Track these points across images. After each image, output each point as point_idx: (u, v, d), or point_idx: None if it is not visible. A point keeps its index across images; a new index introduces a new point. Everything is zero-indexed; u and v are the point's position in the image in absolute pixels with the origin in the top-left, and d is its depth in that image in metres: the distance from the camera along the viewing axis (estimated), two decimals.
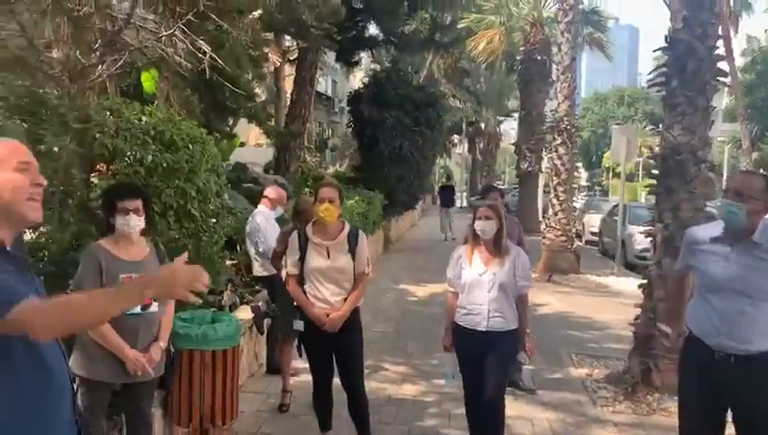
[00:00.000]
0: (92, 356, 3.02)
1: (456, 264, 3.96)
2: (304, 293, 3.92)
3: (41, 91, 4.88)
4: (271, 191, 6.06)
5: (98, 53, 5.87)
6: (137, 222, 3.09)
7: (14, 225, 1.75)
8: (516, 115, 28.70)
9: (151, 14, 6.61)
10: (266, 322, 5.53)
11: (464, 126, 38.74)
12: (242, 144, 15.96)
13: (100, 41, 6.06)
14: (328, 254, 3.87)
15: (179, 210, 4.45)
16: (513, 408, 4.76)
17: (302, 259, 3.91)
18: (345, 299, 3.88)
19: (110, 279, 3.00)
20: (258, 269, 5.80)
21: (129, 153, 4.23)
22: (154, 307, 3.14)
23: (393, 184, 15.84)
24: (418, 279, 11.02)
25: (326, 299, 3.87)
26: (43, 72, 5.44)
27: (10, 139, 1.84)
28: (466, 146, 44.07)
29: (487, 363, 3.76)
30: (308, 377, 5.06)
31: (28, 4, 5.52)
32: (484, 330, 3.77)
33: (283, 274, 4.63)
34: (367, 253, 3.99)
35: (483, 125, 41.45)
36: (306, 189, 12.15)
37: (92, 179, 4.34)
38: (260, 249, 5.68)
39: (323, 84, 32.76)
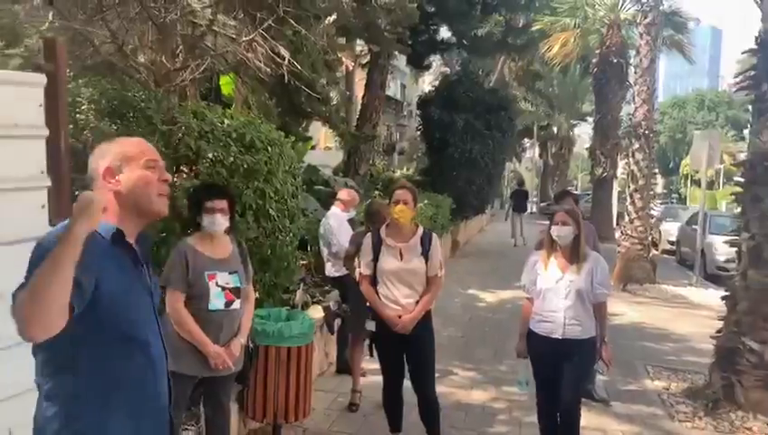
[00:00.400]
0: (178, 349, 3.14)
1: (531, 269, 3.91)
2: (377, 293, 3.95)
3: (129, 94, 5.12)
4: (344, 194, 6.15)
5: (181, 58, 6.13)
6: (223, 221, 3.21)
7: (143, 219, 1.85)
8: (590, 119, 27.97)
9: (232, 20, 6.83)
10: (337, 322, 5.62)
11: (535, 130, 38.08)
12: (312, 147, 16.24)
13: (182, 46, 6.33)
14: (401, 256, 3.90)
15: (258, 210, 4.57)
16: (587, 418, 4.64)
17: (376, 260, 3.94)
18: (417, 301, 3.89)
19: (196, 275, 3.13)
20: (330, 270, 5.89)
21: (211, 154, 4.38)
22: (236, 304, 3.26)
23: (462, 188, 15.73)
24: (487, 285, 10.91)
25: (398, 301, 3.89)
26: (131, 76, 5.72)
27: (136, 137, 1.95)
28: (537, 150, 43.29)
29: (563, 372, 3.69)
30: (377, 378, 5.09)
31: (118, 11, 5.83)
32: (559, 338, 3.71)
33: (356, 274, 4.70)
34: (440, 256, 3.99)
35: (555, 129, 40.63)
36: (375, 192, 12.25)
37: (176, 179, 4.53)
38: (333, 250, 5.76)
39: (392, 88, 32.88)
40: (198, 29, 6.48)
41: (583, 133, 44.50)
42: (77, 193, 1.63)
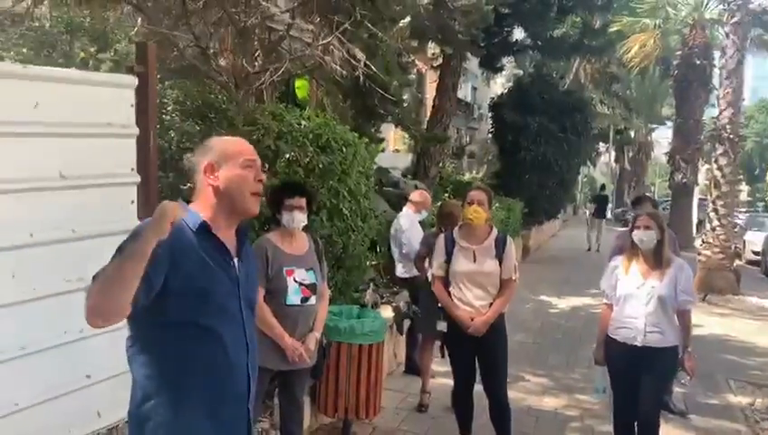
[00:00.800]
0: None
1: (611, 275, 3.81)
2: (449, 295, 3.94)
3: (212, 96, 5.31)
4: (416, 195, 6.17)
5: (259, 62, 6.32)
6: (301, 219, 3.30)
7: (235, 216, 1.93)
8: (670, 123, 26.96)
9: (309, 24, 6.98)
10: (406, 322, 5.63)
11: (611, 134, 36.96)
12: (382, 149, 16.34)
13: (260, 50, 6.51)
14: (474, 257, 3.87)
15: (332, 209, 4.67)
16: (664, 430, 4.44)
17: (448, 262, 3.93)
18: (490, 304, 3.86)
19: (275, 270, 3.22)
20: (401, 271, 5.91)
21: (288, 154, 4.50)
22: (312, 300, 3.33)
23: (534, 192, 15.48)
24: (559, 291, 10.69)
25: (470, 302, 3.87)
26: (213, 78, 5.93)
27: (237, 137, 2.04)
28: (613, 155, 42.02)
29: (642, 381, 3.58)
30: (446, 380, 5.09)
31: (202, 16, 6.06)
32: (639, 344, 3.59)
33: (428, 275, 4.71)
34: (515, 259, 3.94)
35: (632, 133, 39.33)
36: (445, 195, 12.21)
37: None
38: (403, 251, 5.79)
39: (463, 90, 32.65)
40: (276, 33, 6.66)
41: (662, 138, 42.87)
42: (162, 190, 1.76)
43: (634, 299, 3.63)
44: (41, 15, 7.77)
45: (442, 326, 4.04)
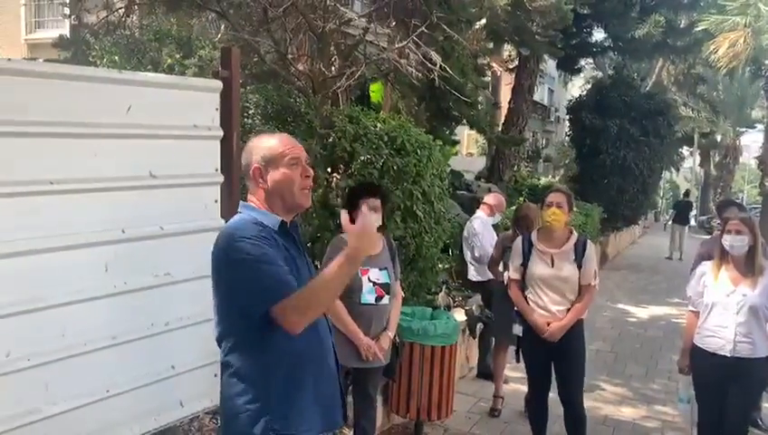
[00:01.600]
0: None
1: (698, 281, 3.64)
2: (525, 299, 3.88)
3: (291, 100, 5.45)
4: (491, 198, 6.12)
5: (336, 66, 6.43)
6: (376, 219, 3.33)
7: (291, 212, 2.03)
8: (761, 126, 25.58)
9: (385, 28, 7.06)
10: (479, 326, 5.60)
11: (696, 137, 35.39)
12: (455, 153, 16.27)
13: (336, 55, 6.63)
14: (552, 262, 3.77)
15: (405, 211, 4.69)
16: None
17: (525, 265, 3.86)
18: (568, 310, 3.75)
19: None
20: (473, 274, 5.87)
21: (363, 156, 4.56)
22: (386, 300, 3.37)
23: (614, 197, 15.02)
24: (638, 300, 10.33)
25: (547, 307, 3.78)
26: (292, 83, 6.08)
27: (277, 134, 2.10)
28: (698, 159, 40.21)
29: (730, 394, 3.41)
30: (519, 385, 5.03)
31: (282, 22, 6.23)
32: (728, 355, 3.42)
33: (502, 279, 4.66)
34: (595, 265, 3.82)
35: (719, 137, 37.51)
36: (520, 199, 12.03)
37: (332, 179, 4.76)
38: (476, 254, 5.75)
39: (539, 93, 32.07)
40: (353, 38, 6.77)
41: (752, 142, 40.72)
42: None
43: (723, 307, 3.47)
44: (131, 24, 8.20)
45: (518, 330, 3.98)
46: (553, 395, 3.94)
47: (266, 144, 2.01)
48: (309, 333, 1.91)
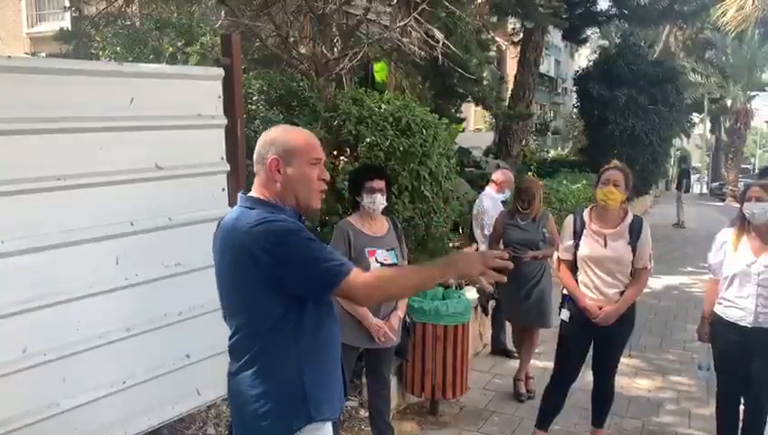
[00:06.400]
0: (341, 321, 3.31)
1: (718, 249, 3.54)
2: (576, 281, 3.70)
3: (294, 84, 5.43)
4: (498, 175, 6.07)
5: (338, 47, 6.39)
6: (381, 201, 3.33)
7: (299, 211, 1.98)
8: None
9: (386, 6, 6.99)
10: (491, 303, 5.59)
11: (705, 103, 34.98)
12: (462, 129, 16.19)
13: (338, 36, 6.58)
14: (605, 242, 3.59)
15: (413, 192, 4.69)
16: None
17: (577, 246, 3.67)
18: (620, 293, 3.58)
19: (357, 251, 3.29)
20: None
21: (369, 139, 4.55)
22: None
23: None
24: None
25: (598, 288, 3.61)
26: (294, 66, 6.06)
27: (303, 130, 2.05)
28: (708, 126, 39.78)
29: (753, 365, 3.35)
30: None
31: (282, 5, 6.18)
32: (749, 325, 3.34)
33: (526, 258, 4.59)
34: (650, 246, 3.64)
35: (729, 102, 37.02)
36: (529, 173, 11.97)
37: (337, 162, 4.76)
38: (485, 232, 5.72)
39: (546, 65, 31.76)
40: (354, 18, 6.71)
41: (762, 105, 40.20)
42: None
43: (744, 277, 3.37)
44: (131, 14, 8.17)
45: (565, 316, 3.77)
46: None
47: (290, 137, 1.94)
48: (331, 319, 1.96)
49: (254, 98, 5.00)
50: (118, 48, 7.04)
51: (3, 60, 2.49)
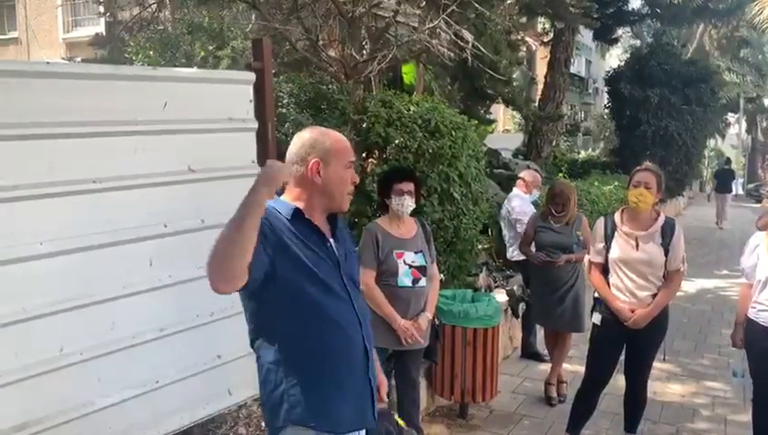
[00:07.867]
0: (372, 325, 3.33)
1: (751, 253, 3.48)
2: (608, 283, 3.67)
3: (324, 87, 5.46)
4: (526, 175, 6.03)
5: (367, 50, 6.40)
6: (410, 203, 3.33)
7: (329, 211, 2.01)
8: None
9: (416, 8, 6.98)
10: (521, 306, 5.54)
11: (741, 103, 34.22)
12: (491, 130, 16.10)
13: (367, 38, 6.59)
14: (637, 244, 3.56)
15: (442, 193, 4.67)
16: None
17: (608, 248, 3.65)
18: (653, 295, 3.55)
19: (385, 253, 3.30)
20: (512, 253, 5.80)
21: (398, 141, 4.55)
22: (422, 282, 3.38)
23: None
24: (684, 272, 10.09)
25: (630, 291, 3.58)
26: (324, 69, 6.09)
27: (337, 133, 2.05)
28: (744, 126, 38.92)
29: None
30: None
31: (313, 8, 6.22)
32: None
33: (536, 260, 4.57)
34: (683, 249, 3.60)
35: (766, 101, 36.24)
36: (560, 174, 11.85)
37: (366, 165, 4.77)
38: (518, 230, 5.66)
39: (576, 65, 31.39)
40: (383, 20, 6.72)
41: None
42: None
43: None
44: (164, 19, 8.31)
45: (596, 319, 3.73)
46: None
47: (331, 140, 1.96)
48: (324, 323, 1.91)
49: (285, 101, 5.04)
50: (151, 52, 7.17)
51: (41, 65, 2.55)
